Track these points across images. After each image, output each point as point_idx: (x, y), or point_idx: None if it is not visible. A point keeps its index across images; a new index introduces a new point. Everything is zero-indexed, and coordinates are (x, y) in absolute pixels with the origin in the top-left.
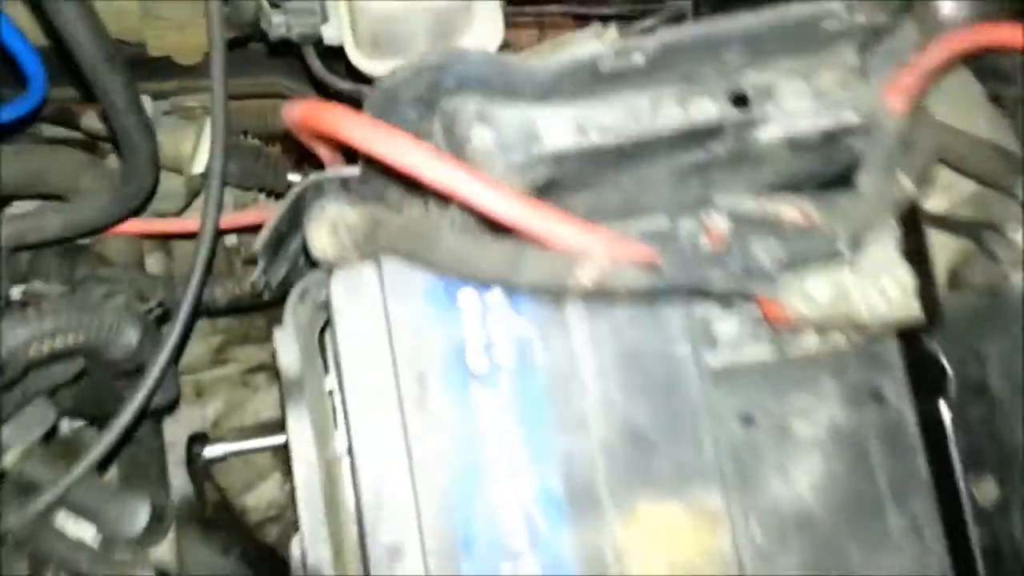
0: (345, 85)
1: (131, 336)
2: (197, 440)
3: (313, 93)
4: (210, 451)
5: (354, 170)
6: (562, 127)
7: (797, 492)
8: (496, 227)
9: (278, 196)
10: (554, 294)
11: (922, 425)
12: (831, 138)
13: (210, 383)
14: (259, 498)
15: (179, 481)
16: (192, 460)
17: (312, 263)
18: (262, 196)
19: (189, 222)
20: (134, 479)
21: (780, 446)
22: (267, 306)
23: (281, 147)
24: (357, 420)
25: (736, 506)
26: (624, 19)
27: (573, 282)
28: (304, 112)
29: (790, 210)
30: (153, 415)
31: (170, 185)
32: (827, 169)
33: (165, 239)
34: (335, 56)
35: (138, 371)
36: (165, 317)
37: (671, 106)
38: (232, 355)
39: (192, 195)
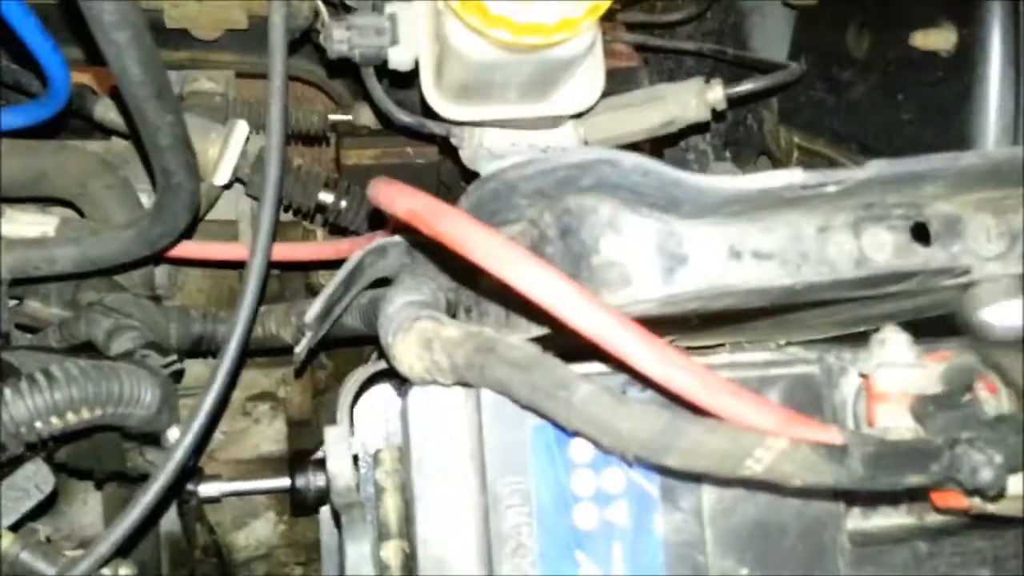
0: (405, 117)
1: (149, 402)
2: (192, 475)
3: (336, 84)
4: (205, 489)
5: None
6: (713, 249)
7: None
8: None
9: (304, 215)
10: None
11: None
12: None
13: None
14: (249, 536)
15: (166, 518)
16: (185, 498)
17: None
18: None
19: (235, 248)
20: None
21: None
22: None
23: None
24: (429, 570)
25: None
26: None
27: (744, 470)
28: (413, 209)
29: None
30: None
31: None
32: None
33: None
34: (389, 76)
35: (150, 437)
36: (181, 372)
37: (843, 234)
38: (235, 380)
39: (210, 203)
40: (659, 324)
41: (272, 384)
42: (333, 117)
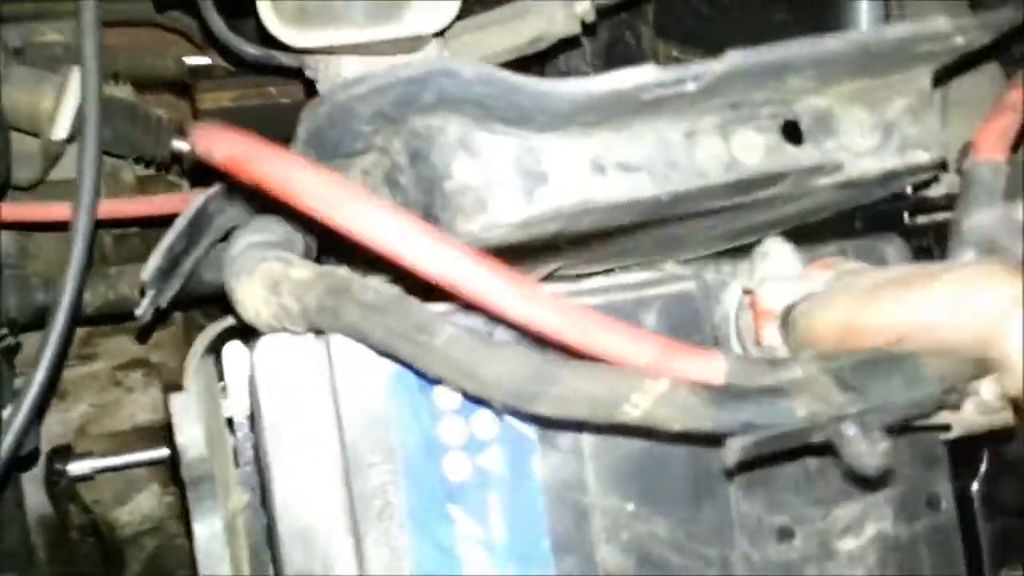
0: (252, 51)
1: None
2: (59, 454)
3: (195, 27)
4: (76, 468)
5: None
6: (574, 163)
7: None
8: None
9: (157, 166)
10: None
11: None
12: (889, 177)
13: (74, 382)
14: (133, 511)
15: (36, 500)
16: (54, 479)
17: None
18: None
19: (56, 209)
20: None
21: (821, 565)
22: None
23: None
24: (290, 541)
25: None
26: None
27: (620, 416)
28: (231, 154)
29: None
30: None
31: (24, 148)
32: (859, 201)
33: None
34: (235, 8)
35: None
36: (16, 347)
37: (711, 138)
38: (100, 348)
39: (50, 161)
40: (527, 252)
41: (143, 350)
42: (191, 61)
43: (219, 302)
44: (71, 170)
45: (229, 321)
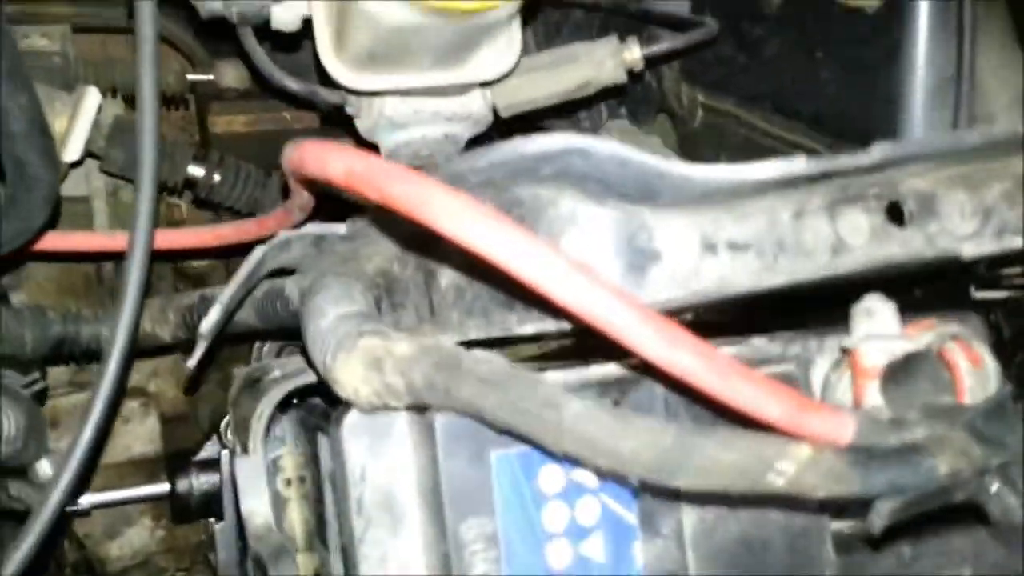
0: (294, 85)
1: (13, 435)
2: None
3: (190, 40)
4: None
5: (340, 227)
6: (686, 242)
7: None
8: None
9: (171, 191)
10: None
11: None
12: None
13: (69, 410)
14: (123, 546)
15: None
16: None
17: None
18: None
19: (115, 238)
20: None
21: None
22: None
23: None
24: None
25: None
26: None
27: (765, 485)
28: (354, 169)
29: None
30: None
31: None
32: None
33: None
34: (273, 38)
35: (14, 471)
36: (45, 390)
37: (818, 219)
38: (95, 376)
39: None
40: None
41: (141, 379)
42: (192, 77)
43: (239, 341)
44: (69, 188)
45: (294, 383)
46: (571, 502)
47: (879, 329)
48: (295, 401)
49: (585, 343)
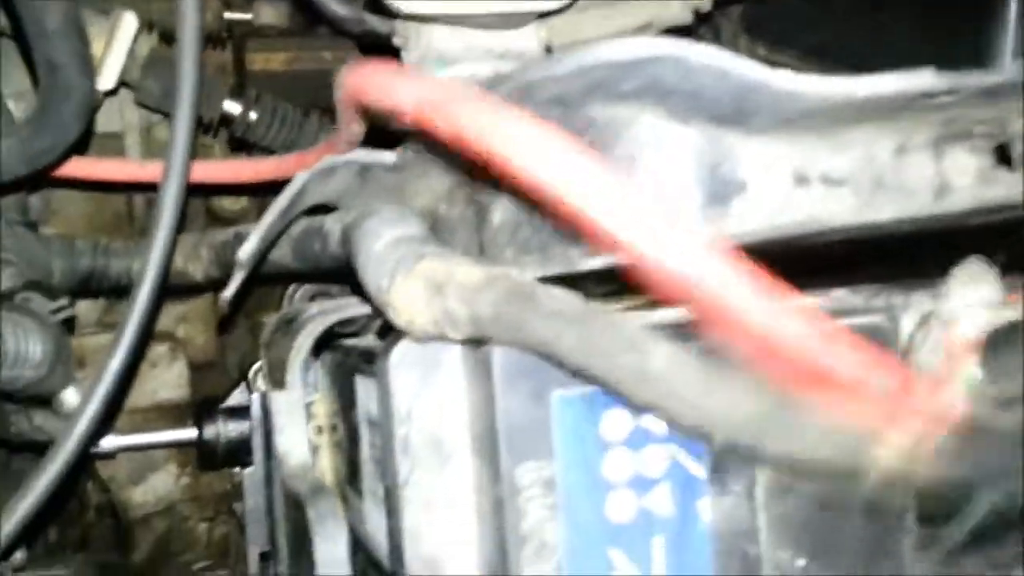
0: (342, 10)
1: (39, 360)
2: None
3: None
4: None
5: (389, 156)
6: (776, 173)
7: None
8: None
9: (205, 127)
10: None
11: None
12: None
13: (96, 351)
14: (147, 492)
15: None
16: None
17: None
18: None
19: (148, 168)
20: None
21: None
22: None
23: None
24: (417, 571)
25: None
26: None
27: (865, 463)
28: (427, 97)
29: None
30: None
31: None
32: None
33: None
34: None
35: (39, 399)
36: (72, 319)
37: (922, 156)
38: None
39: (92, 113)
40: None
41: (170, 323)
42: (230, 16)
43: (272, 281)
44: (102, 124)
45: (337, 316)
46: (637, 450)
47: (981, 296)
48: (330, 346)
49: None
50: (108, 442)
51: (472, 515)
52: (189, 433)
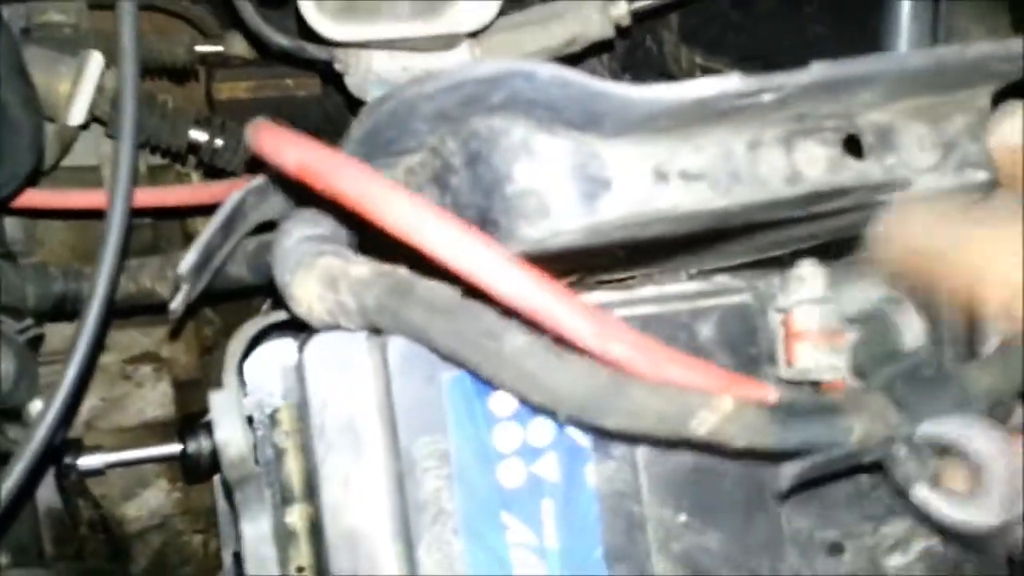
0: (282, 41)
1: (4, 375)
2: (69, 448)
3: (202, 11)
4: (86, 462)
5: None
6: (638, 171)
7: None
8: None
9: (176, 156)
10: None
11: None
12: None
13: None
14: (141, 507)
15: (45, 494)
16: (64, 472)
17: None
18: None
19: (96, 195)
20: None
21: None
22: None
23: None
24: (337, 543)
25: None
26: None
27: (686, 432)
28: (305, 162)
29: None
30: None
31: None
32: None
33: None
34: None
35: (10, 412)
36: (40, 337)
37: (774, 150)
38: (110, 341)
39: (65, 147)
40: (583, 258)
41: (153, 343)
42: (201, 48)
43: (237, 296)
44: (81, 157)
45: (273, 317)
46: (523, 423)
47: (811, 294)
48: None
49: None
50: (96, 460)
51: (383, 490)
52: (173, 448)
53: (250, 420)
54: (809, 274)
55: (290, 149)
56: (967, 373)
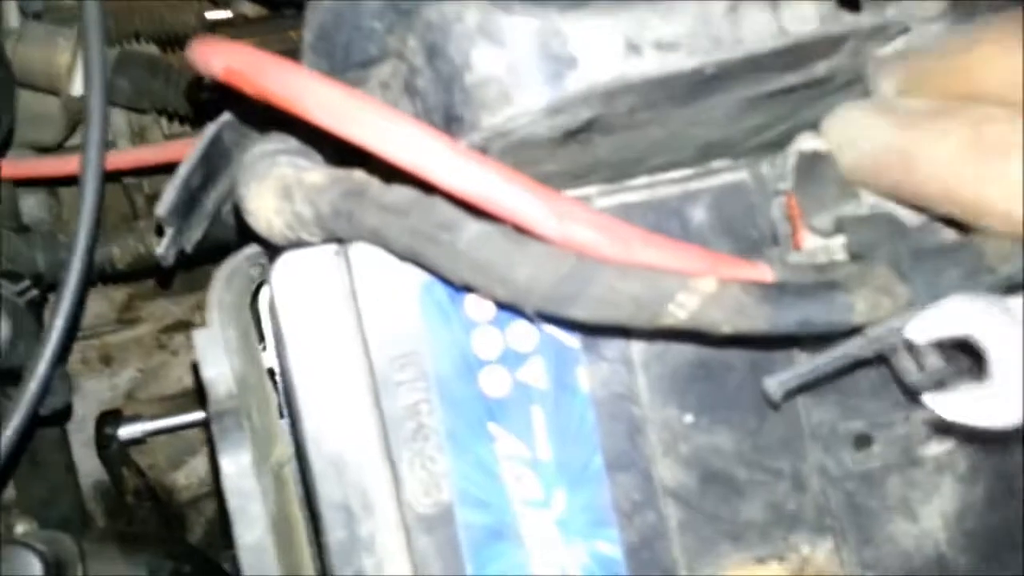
0: None
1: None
2: (109, 418)
3: None
4: (126, 431)
5: None
6: (606, 45)
7: (925, 530)
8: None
9: (181, 119)
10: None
11: None
12: None
13: (119, 347)
14: (190, 475)
15: (89, 466)
16: (104, 443)
17: (244, 231)
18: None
19: (71, 161)
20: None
21: (904, 474)
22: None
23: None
24: (322, 471)
25: (851, 556)
26: None
27: (665, 318)
28: (231, 66)
29: None
30: (43, 423)
31: (45, 109)
32: None
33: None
34: None
35: (10, 374)
36: (43, 299)
37: (757, 10)
38: (143, 312)
39: (74, 120)
40: (558, 159)
41: (186, 311)
42: (211, 15)
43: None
44: None
45: (243, 253)
46: (503, 328)
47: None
48: None
49: None
50: (136, 428)
51: (365, 410)
52: None
53: (272, 373)
54: (812, 146)
55: (216, 55)
56: (982, 242)
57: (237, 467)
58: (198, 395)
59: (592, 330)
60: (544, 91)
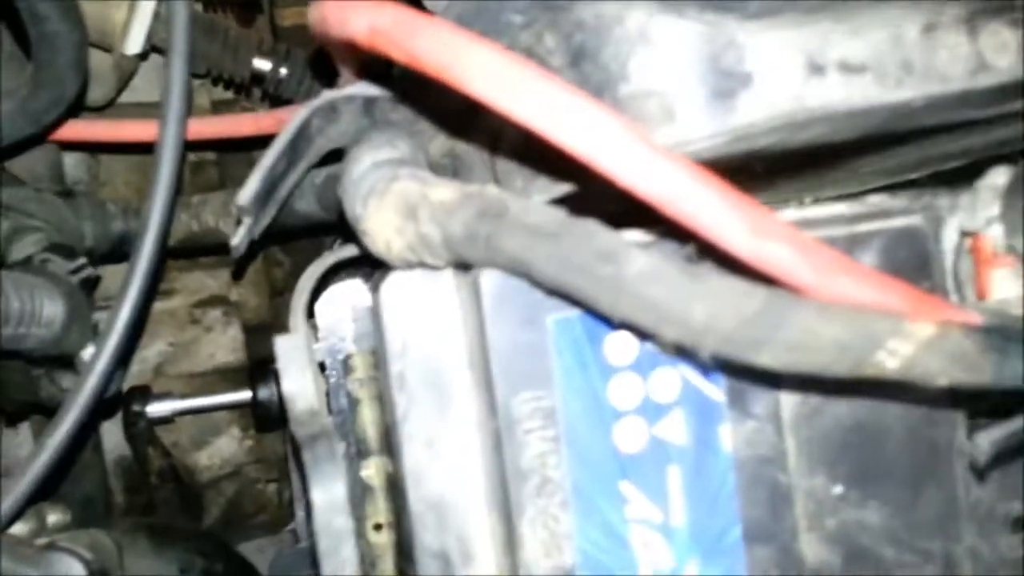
0: None
1: (52, 319)
2: (137, 395)
3: None
4: (155, 409)
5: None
6: (786, 62)
7: None
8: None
9: (237, 87)
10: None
11: None
12: None
13: (151, 319)
14: (213, 455)
15: (114, 442)
16: (132, 420)
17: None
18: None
19: (145, 127)
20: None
21: None
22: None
23: (238, 19)
24: (421, 512)
25: None
26: None
27: (870, 368)
28: (377, 26)
29: None
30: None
31: (95, 65)
32: None
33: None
34: None
35: (60, 359)
36: (96, 279)
37: (954, 34)
38: (178, 284)
39: (124, 79)
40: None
41: (222, 286)
42: None
43: (307, 234)
44: (144, 93)
45: (343, 253)
46: (645, 374)
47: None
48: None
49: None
50: (165, 407)
51: (476, 453)
52: (244, 395)
53: (322, 367)
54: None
55: (359, 13)
56: None
57: (330, 501)
58: (229, 374)
59: (739, 385)
60: (715, 113)
